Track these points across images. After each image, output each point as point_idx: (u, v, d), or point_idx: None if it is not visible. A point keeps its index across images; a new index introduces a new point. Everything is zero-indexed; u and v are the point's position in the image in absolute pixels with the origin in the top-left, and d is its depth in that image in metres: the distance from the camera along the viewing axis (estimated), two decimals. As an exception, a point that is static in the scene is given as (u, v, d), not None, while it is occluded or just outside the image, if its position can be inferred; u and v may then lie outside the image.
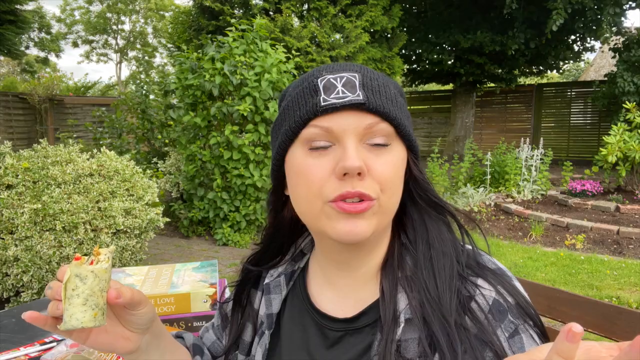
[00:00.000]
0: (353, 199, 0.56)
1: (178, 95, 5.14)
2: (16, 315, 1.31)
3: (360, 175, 0.56)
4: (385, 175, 0.58)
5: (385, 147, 0.58)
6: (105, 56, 26.70)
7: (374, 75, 0.61)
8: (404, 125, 0.60)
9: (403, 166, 0.61)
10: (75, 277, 0.54)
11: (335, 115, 0.57)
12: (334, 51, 8.16)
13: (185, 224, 5.25)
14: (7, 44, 9.31)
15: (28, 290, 2.90)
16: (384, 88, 0.60)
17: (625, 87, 8.89)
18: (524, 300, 0.58)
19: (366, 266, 0.65)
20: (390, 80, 0.63)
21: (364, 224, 0.58)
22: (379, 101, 0.57)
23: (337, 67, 0.61)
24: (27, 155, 3.33)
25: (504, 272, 0.62)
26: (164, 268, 1.33)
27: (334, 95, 0.57)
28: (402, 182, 0.61)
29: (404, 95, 0.66)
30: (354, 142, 0.57)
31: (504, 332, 0.55)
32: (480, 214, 6.09)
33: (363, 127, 0.57)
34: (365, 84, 0.58)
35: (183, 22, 10.13)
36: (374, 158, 0.58)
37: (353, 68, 0.61)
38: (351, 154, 0.55)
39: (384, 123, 0.58)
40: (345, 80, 0.58)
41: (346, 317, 0.64)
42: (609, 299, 3.43)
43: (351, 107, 0.57)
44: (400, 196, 0.62)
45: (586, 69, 23.93)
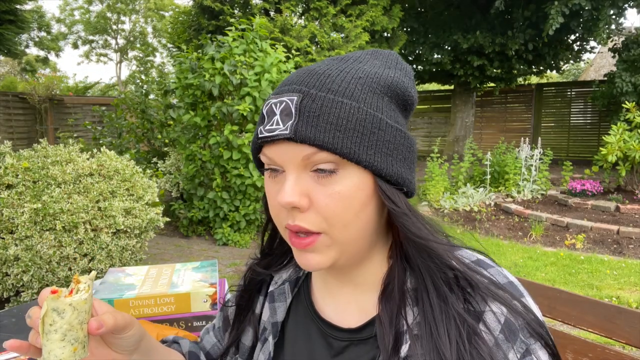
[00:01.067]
0: (299, 232, 0.55)
1: (178, 95, 5.14)
2: (16, 315, 1.31)
3: (300, 209, 0.54)
4: (330, 209, 0.54)
5: (330, 174, 0.54)
6: (105, 56, 26.71)
7: (324, 89, 0.54)
8: (350, 152, 0.53)
9: (361, 193, 0.55)
10: (53, 312, 0.51)
11: (275, 145, 0.55)
12: (334, 51, 8.17)
13: (185, 224, 5.25)
14: (7, 43, 9.31)
15: (28, 290, 2.89)
16: (330, 107, 0.53)
17: (624, 87, 8.89)
18: (535, 318, 0.55)
19: (363, 276, 0.64)
20: (362, 82, 0.56)
21: (317, 258, 0.57)
22: (311, 131, 0.52)
23: (287, 83, 0.57)
24: (27, 155, 3.33)
25: (516, 287, 0.58)
26: (164, 268, 1.33)
27: (269, 126, 0.55)
28: (363, 211, 0.56)
29: (397, 91, 0.58)
30: (295, 173, 0.54)
31: (516, 353, 0.53)
32: (480, 213, 6.09)
33: (300, 158, 0.54)
34: (302, 108, 0.53)
35: (183, 22, 10.14)
36: (319, 188, 0.54)
37: (300, 84, 0.55)
38: (286, 188, 0.54)
39: (323, 152, 0.53)
40: (283, 107, 0.54)
41: (351, 327, 0.63)
42: (609, 298, 3.43)
43: (285, 138, 0.54)
44: (361, 225, 0.56)
45: (586, 69, 23.93)
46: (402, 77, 0.60)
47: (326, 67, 0.57)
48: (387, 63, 0.62)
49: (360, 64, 0.59)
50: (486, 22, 10.35)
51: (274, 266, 0.75)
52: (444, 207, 6.41)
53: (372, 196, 0.56)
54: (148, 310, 1.12)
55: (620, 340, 0.98)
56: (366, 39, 8.39)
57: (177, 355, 0.76)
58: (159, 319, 1.13)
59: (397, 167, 0.57)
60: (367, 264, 0.63)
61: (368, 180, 0.55)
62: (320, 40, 8.17)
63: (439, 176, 6.85)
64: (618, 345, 2.11)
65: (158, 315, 1.13)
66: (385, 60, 0.63)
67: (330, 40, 8.25)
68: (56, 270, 2.92)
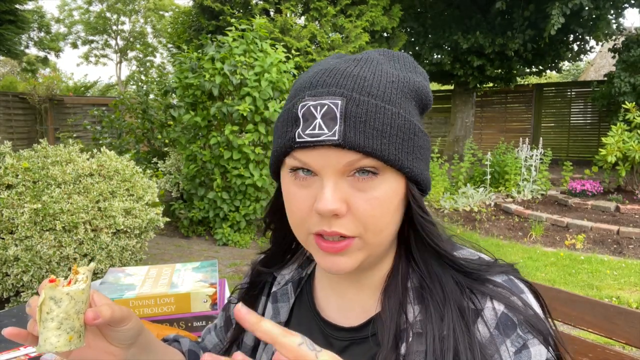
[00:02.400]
0: (332, 237, 0.55)
1: (178, 94, 5.14)
2: (16, 315, 1.31)
3: (338, 216, 0.53)
4: (369, 214, 0.54)
5: (371, 178, 0.54)
6: (105, 57, 26.72)
7: (365, 93, 0.53)
8: (395, 159, 0.53)
9: (396, 198, 0.55)
10: (50, 300, 0.52)
11: (313, 151, 0.53)
12: (334, 51, 8.17)
13: (185, 224, 5.25)
14: (7, 43, 9.32)
15: (28, 290, 2.90)
16: (375, 113, 0.52)
17: (622, 87, 8.89)
18: (534, 314, 0.55)
19: (371, 278, 0.64)
20: (395, 86, 0.55)
21: (346, 261, 0.56)
22: (359, 137, 0.51)
23: (323, 86, 0.54)
24: (27, 155, 3.33)
25: (515, 284, 0.58)
26: (164, 268, 1.33)
27: (309, 130, 0.52)
28: (395, 215, 0.56)
29: (421, 95, 0.58)
30: (333, 179, 0.53)
31: (509, 347, 0.53)
32: (480, 214, 6.09)
33: (342, 164, 0.53)
34: (348, 113, 0.52)
35: (183, 22, 10.15)
36: (357, 194, 0.54)
37: (339, 88, 0.53)
38: (326, 195, 0.52)
39: (367, 159, 0.52)
40: (326, 110, 0.52)
41: (351, 327, 0.64)
42: (609, 299, 3.43)
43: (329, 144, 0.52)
44: (393, 229, 0.57)
45: (586, 69, 23.93)
46: (424, 81, 0.61)
47: (355, 68, 0.56)
48: (407, 66, 0.61)
49: (383, 66, 0.58)
50: (486, 22, 10.35)
51: (276, 264, 0.75)
52: (444, 207, 6.41)
53: (403, 200, 0.57)
54: (148, 310, 1.12)
55: (620, 340, 0.98)
56: (366, 39, 8.39)
57: (176, 353, 0.75)
58: (159, 319, 1.13)
59: (425, 171, 0.58)
60: (378, 266, 0.64)
61: (402, 185, 0.56)
62: (320, 41, 8.17)
63: (439, 176, 6.85)
64: (618, 345, 2.11)
65: (158, 315, 1.13)
66: (404, 63, 0.62)
67: (330, 41, 8.25)
68: (56, 270, 2.92)
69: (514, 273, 0.59)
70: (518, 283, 0.59)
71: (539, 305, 0.58)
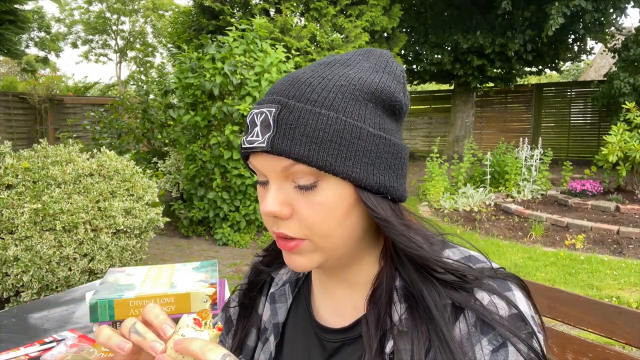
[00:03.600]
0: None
1: (178, 95, 5.14)
2: (16, 315, 1.31)
3: (282, 218, 0.56)
4: (311, 219, 0.55)
5: (311, 184, 0.54)
6: (104, 56, 26.71)
7: (302, 100, 0.54)
8: (326, 165, 0.53)
9: (342, 204, 0.55)
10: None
11: (257, 156, 0.57)
12: (334, 51, 8.17)
13: (185, 224, 5.25)
14: (7, 43, 9.32)
15: (28, 290, 2.90)
16: (307, 119, 0.53)
17: (622, 87, 8.89)
18: (517, 313, 0.54)
19: (356, 276, 0.64)
20: (343, 90, 0.55)
21: (300, 260, 0.59)
22: (287, 143, 0.53)
23: (269, 94, 0.57)
24: (27, 155, 3.33)
25: (503, 283, 0.57)
26: (164, 268, 1.33)
27: (249, 137, 0.56)
28: (346, 220, 0.56)
29: (382, 96, 0.57)
30: (277, 183, 0.56)
31: (485, 346, 0.52)
32: (480, 214, 6.09)
33: (280, 169, 0.55)
34: (280, 120, 0.53)
35: (183, 22, 10.14)
36: (300, 198, 0.55)
37: (280, 94, 0.55)
38: (267, 199, 0.56)
39: (300, 165, 0.53)
40: (263, 118, 0.55)
41: (342, 327, 0.64)
42: (609, 299, 3.43)
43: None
44: (344, 234, 0.57)
45: (586, 69, 23.93)
46: (389, 81, 0.59)
47: (309, 75, 0.57)
48: (377, 66, 0.61)
49: (346, 68, 0.59)
50: (486, 22, 10.35)
51: (275, 263, 0.76)
52: (444, 207, 6.41)
53: (355, 205, 0.57)
54: (148, 311, 1.12)
55: (620, 340, 0.98)
56: (366, 39, 8.39)
57: None
58: (159, 319, 1.13)
59: (380, 175, 0.56)
60: (359, 265, 0.64)
61: (349, 191, 0.55)
62: (320, 41, 8.17)
63: (439, 176, 6.85)
64: (618, 345, 2.10)
65: (158, 315, 1.13)
66: (376, 62, 0.61)
67: (330, 41, 8.25)
68: (56, 270, 2.92)
69: (506, 277, 0.57)
70: (507, 282, 0.57)
71: (528, 303, 0.56)
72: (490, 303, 0.54)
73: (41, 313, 1.33)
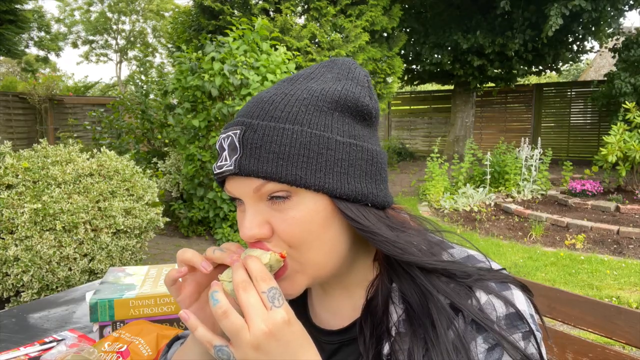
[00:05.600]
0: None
1: (178, 96, 5.14)
2: (16, 315, 1.31)
3: (264, 239, 0.56)
4: (289, 234, 0.55)
5: (285, 201, 0.54)
6: (105, 56, 26.71)
7: (266, 118, 0.54)
8: (295, 179, 0.53)
9: (318, 216, 0.55)
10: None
11: (229, 181, 0.57)
12: (334, 51, 8.16)
13: (185, 224, 5.25)
14: (7, 43, 9.32)
15: (28, 290, 2.89)
16: (271, 136, 0.53)
17: (622, 87, 8.89)
18: (514, 313, 0.54)
19: (351, 278, 0.64)
20: (306, 103, 0.55)
21: (289, 285, 0.58)
22: (254, 163, 0.53)
23: (235, 117, 0.58)
24: (27, 155, 3.32)
25: (501, 282, 0.57)
26: (164, 268, 1.33)
27: (219, 162, 0.56)
28: (326, 232, 0.56)
29: (348, 103, 0.57)
30: (253, 205, 0.56)
31: (480, 344, 0.52)
32: (480, 214, 6.09)
33: (252, 191, 0.55)
34: (245, 141, 0.54)
35: (183, 22, 10.13)
36: (277, 215, 0.55)
37: (244, 116, 0.56)
38: (245, 223, 0.55)
39: (270, 183, 0.53)
40: (229, 141, 0.55)
41: (340, 329, 0.64)
42: (609, 299, 3.43)
43: (234, 174, 0.55)
44: (327, 247, 0.56)
45: (586, 69, 23.93)
46: (352, 87, 0.58)
47: (272, 93, 0.57)
48: (339, 74, 0.61)
49: (310, 81, 0.59)
50: (486, 22, 10.35)
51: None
52: (444, 207, 6.41)
53: (332, 217, 0.56)
54: (148, 310, 1.12)
55: (620, 340, 0.98)
56: (366, 39, 8.38)
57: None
58: (159, 319, 1.13)
59: (355, 183, 0.55)
60: (354, 269, 0.64)
61: (324, 202, 0.55)
62: (320, 40, 8.17)
63: (439, 176, 6.85)
64: (618, 345, 2.11)
65: (158, 315, 1.13)
66: (338, 71, 0.61)
67: (330, 40, 8.25)
68: (56, 270, 2.92)
69: (504, 279, 0.57)
70: (505, 282, 0.57)
71: (528, 302, 0.56)
72: (488, 302, 0.54)
73: (41, 313, 1.33)
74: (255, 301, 0.49)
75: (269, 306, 0.49)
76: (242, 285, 0.50)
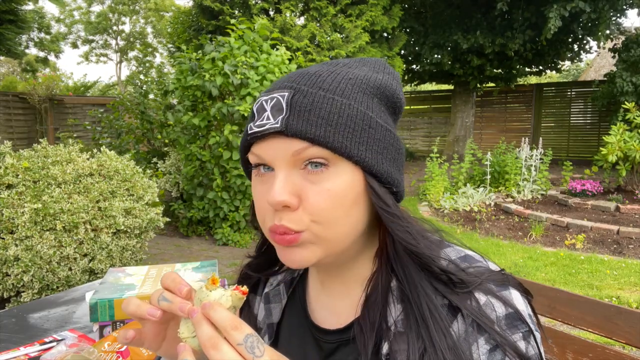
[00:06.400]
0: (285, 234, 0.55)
1: (177, 95, 5.14)
2: (16, 315, 1.31)
3: (290, 208, 0.53)
4: (320, 207, 0.53)
5: (323, 170, 0.53)
6: (105, 56, 26.70)
7: (315, 87, 0.55)
8: (341, 147, 0.53)
9: (352, 192, 0.55)
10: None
11: (264, 142, 0.55)
12: (334, 51, 8.16)
13: (185, 224, 5.25)
14: (7, 43, 9.32)
15: (28, 290, 2.90)
16: (321, 102, 0.53)
17: (624, 87, 8.89)
18: (512, 313, 0.54)
19: (355, 269, 0.64)
20: (352, 82, 0.56)
21: (302, 253, 0.56)
22: (302, 124, 0.52)
23: (277, 84, 0.57)
24: (27, 155, 3.33)
25: (499, 283, 0.57)
26: (164, 268, 1.33)
27: (259, 122, 0.54)
28: (353, 210, 0.55)
29: (386, 92, 0.59)
30: (285, 171, 0.54)
31: (482, 345, 0.52)
32: (480, 214, 6.08)
33: (290, 154, 0.53)
34: (293, 103, 0.53)
35: (183, 22, 10.14)
36: (309, 187, 0.54)
37: (291, 83, 0.56)
38: (275, 187, 0.53)
39: (314, 147, 0.53)
40: (274, 102, 0.54)
41: (339, 328, 0.64)
42: (609, 299, 3.43)
43: (275, 133, 0.53)
44: (350, 225, 0.56)
45: (586, 69, 23.93)
46: (390, 80, 0.61)
47: (317, 69, 0.58)
48: (375, 68, 0.62)
49: (349, 68, 0.60)
50: (486, 22, 10.35)
51: (264, 270, 0.74)
52: (444, 207, 6.41)
53: (362, 195, 0.56)
54: (148, 310, 1.12)
55: (620, 340, 0.98)
56: (366, 40, 8.38)
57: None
58: (159, 319, 1.13)
59: (387, 166, 0.57)
60: (355, 263, 0.63)
61: (359, 178, 0.55)
62: (320, 41, 8.16)
63: (439, 176, 6.85)
64: (618, 345, 2.11)
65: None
66: (373, 65, 0.63)
67: (330, 41, 8.24)
68: (56, 270, 2.92)
69: (503, 280, 0.57)
70: (503, 282, 0.57)
71: (525, 303, 0.56)
72: (487, 303, 0.54)
73: (41, 313, 1.33)
74: (232, 357, 0.44)
75: (249, 358, 0.45)
76: (211, 343, 0.45)
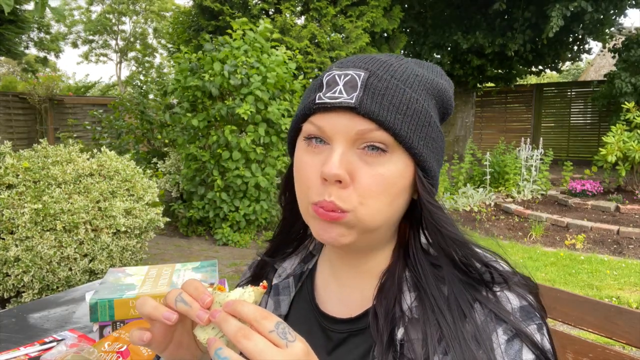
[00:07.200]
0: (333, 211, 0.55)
1: (177, 96, 5.14)
2: (16, 315, 1.31)
3: (342, 184, 0.54)
4: (370, 189, 0.54)
5: (380, 154, 0.54)
6: (105, 56, 26.70)
7: (388, 73, 0.56)
8: (406, 136, 0.54)
9: (402, 180, 0.56)
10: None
11: (330, 114, 0.55)
12: (334, 52, 8.16)
13: (185, 224, 5.25)
14: (7, 43, 9.31)
15: (29, 291, 2.89)
16: (394, 90, 0.54)
17: (623, 87, 8.89)
18: (529, 303, 0.56)
19: (371, 262, 0.65)
20: (419, 79, 0.58)
21: (340, 231, 0.56)
22: (375, 106, 0.53)
23: (350, 62, 0.58)
24: (27, 155, 3.32)
25: (510, 277, 0.60)
26: (164, 268, 1.33)
27: (330, 94, 0.55)
28: (397, 199, 0.57)
29: (442, 97, 0.60)
30: (343, 146, 0.54)
31: (501, 335, 0.54)
32: (480, 214, 6.08)
33: (354, 132, 0.54)
34: (369, 84, 0.54)
35: (183, 22, 10.13)
36: (364, 168, 0.54)
37: (365, 64, 0.56)
38: (333, 160, 0.53)
39: (380, 131, 0.54)
40: (348, 79, 0.55)
41: (350, 317, 0.64)
42: (609, 299, 3.43)
43: (345, 109, 0.54)
44: (390, 214, 0.57)
45: (586, 69, 23.92)
46: (448, 87, 0.63)
47: (386, 58, 0.59)
48: (435, 72, 0.64)
49: (413, 65, 0.61)
50: (486, 22, 10.35)
51: (279, 253, 0.76)
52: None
53: (408, 187, 0.57)
54: (148, 311, 1.12)
55: (620, 341, 0.98)
56: (366, 40, 8.38)
57: None
58: (159, 319, 1.13)
59: (435, 165, 0.59)
60: (373, 255, 0.64)
61: (410, 170, 0.57)
62: (320, 41, 8.16)
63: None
64: (618, 345, 2.11)
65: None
66: (433, 69, 0.65)
67: (330, 41, 8.24)
68: (57, 270, 2.92)
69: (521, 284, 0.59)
70: (522, 279, 0.60)
71: (535, 299, 0.59)
72: (502, 294, 0.57)
73: (41, 313, 1.33)
74: (265, 345, 0.44)
75: (283, 343, 0.44)
76: (242, 333, 0.44)
